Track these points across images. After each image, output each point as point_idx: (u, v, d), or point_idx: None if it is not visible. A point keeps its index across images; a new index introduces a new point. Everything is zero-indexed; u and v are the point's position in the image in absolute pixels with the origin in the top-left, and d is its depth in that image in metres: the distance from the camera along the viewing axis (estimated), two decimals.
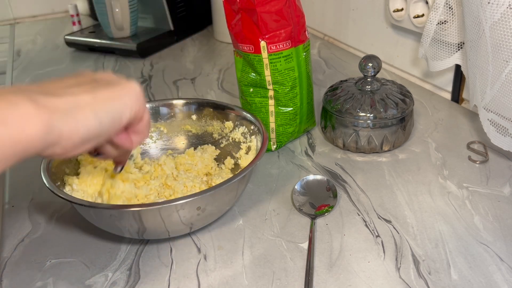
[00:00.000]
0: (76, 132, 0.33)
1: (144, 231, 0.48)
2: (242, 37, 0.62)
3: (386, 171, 0.62)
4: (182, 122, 0.65)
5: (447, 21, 0.70)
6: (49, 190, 0.48)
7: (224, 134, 0.64)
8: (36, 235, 0.55)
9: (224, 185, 0.47)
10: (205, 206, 0.48)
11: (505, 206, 0.55)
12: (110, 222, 0.48)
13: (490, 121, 0.61)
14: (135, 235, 0.49)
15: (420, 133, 0.71)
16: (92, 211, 0.47)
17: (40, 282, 0.48)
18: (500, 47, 0.55)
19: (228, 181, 0.47)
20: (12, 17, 1.43)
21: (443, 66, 0.73)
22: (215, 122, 0.64)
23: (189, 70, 1.01)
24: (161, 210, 0.45)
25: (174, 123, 0.65)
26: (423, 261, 0.48)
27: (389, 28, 0.90)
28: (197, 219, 0.49)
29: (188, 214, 0.47)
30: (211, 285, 0.46)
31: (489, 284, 0.44)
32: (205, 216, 0.49)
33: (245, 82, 0.66)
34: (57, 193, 0.47)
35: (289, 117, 0.66)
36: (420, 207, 0.55)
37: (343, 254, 0.49)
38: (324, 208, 0.55)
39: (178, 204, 0.45)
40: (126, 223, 0.47)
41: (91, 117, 0.34)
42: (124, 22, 1.10)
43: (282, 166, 0.65)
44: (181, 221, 0.48)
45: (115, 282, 0.47)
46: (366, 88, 0.66)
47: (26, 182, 0.64)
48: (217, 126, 0.64)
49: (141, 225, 0.46)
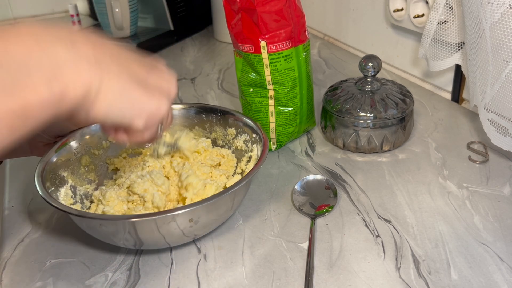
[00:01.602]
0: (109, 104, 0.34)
1: (139, 242, 0.47)
2: (242, 37, 0.62)
3: (386, 171, 0.62)
4: (183, 128, 0.63)
5: (447, 21, 0.70)
6: (46, 193, 0.47)
7: (227, 141, 0.62)
8: (36, 235, 0.55)
9: (217, 197, 0.45)
10: (197, 218, 0.46)
11: (505, 206, 0.55)
12: (102, 232, 0.47)
13: (490, 121, 0.61)
14: (130, 245, 0.48)
15: (420, 133, 0.71)
16: (84, 222, 0.47)
17: (40, 282, 0.48)
18: (500, 47, 0.55)
19: (221, 194, 0.46)
20: (12, 17, 1.43)
21: (443, 66, 0.73)
22: (217, 128, 0.63)
23: (189, 70, 1.01)
24: (157, 221, 0.44)
25: (176, 127, 0.63)
26: (423, 261, 0.48)
27: (389, 28, 0.90)
28: (189, 230, 0.47)
29: (181, 225, 0.46)
30: (211, 285, 0.46)
31: (489, 284, 0.44)
32: (198, 227, 0.48)
33: (245, 82, 0.66)
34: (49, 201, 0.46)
35: (289, 117, 0.66)
36: (420, 207, 0.55)
37: (343, 254, 0.49)
38: (324, 208, 0.55)
39: (170, 215, 0.44)
40: (120, 234, 0.46)
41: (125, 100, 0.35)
42: (124, 22, 1.10)
43: (282, 166, 0.65)
44: (174, 232, 0.46)
45: (115, 282, 0.47)
46: (366, 88, 0.66)
47: (26, 183, 0.64)
48: (220, 133, 0.63)
49: (136, 236, 0.46)
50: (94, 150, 0.59)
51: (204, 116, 0.63)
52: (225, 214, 0.51)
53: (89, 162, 0.58)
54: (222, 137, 0.63)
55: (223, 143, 0.63)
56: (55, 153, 0.54)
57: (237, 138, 0.61)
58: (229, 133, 0.62)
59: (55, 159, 0.53)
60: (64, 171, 0.54)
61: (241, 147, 0.61)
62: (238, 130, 0.61)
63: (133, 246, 0.48)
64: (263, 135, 0.56)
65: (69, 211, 0.45)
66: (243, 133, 0.60)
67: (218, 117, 0.62)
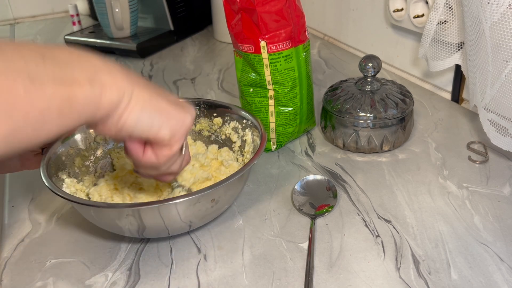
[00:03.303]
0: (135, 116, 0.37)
1: (144, 230, 0.48)
2: (242, 37, 0.62)
3: (386, 171, 0.62)
4: None
5: (447, 21, 0.70)
6: (50, 189, 0.48)
7: (214, 131, 0.64)
8: (36, 235, 0.55)
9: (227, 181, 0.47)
10: (218, 198, 0.48)
11: (505, 206, 0.55)
12: (110, 221, 0.48)
13: (490, 121, 0.61)
14: (135, 234, 0.49)
15: (420, 133, 0.71)
16: (92, 211, 0.47)
17: (40, 282, 0.48)
18: (500, 47, 0.55)
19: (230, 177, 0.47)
20: (12, 17, 1.43)
21: (443, 66, 0.73)
22: (202, 119, 0.64)
23: (189, 70, 1.01)
24: (160, 208, 0.45)
25: None
26: (423, 261, 0.48)
27: (389, 28, 0.90)
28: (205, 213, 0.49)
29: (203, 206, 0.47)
30: (211, 285, 0.46)
31: (489, 284, 0.44)
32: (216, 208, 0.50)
33: (245, 82, 0.66)
34: (57, 192, 0.47)
35: (289, 117, 0.66)
36: (420, 207, 0.55)
37: (343, 254, 0.49)
38: (324, 208, 0.55)
39: (176, 202, 0.45)
40: (125, 221, 0.47)
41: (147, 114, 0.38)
42: (124, 22, 1.10)
43: (282, 166, 0.65)
44: (181, 219, 0.48)
45: (115, 282, 0.47)
46: (366, 88, 0.66)
47: (26, 182, 0.64)
48: (205, 124, 0.64)
49: (141, 223, 0.47)
50: (84, 152, 0.59)
51: None
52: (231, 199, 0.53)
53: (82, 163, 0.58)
54: (208, 127, 0.64)
55: (209, 133, 0.64)
56: (61, 143, 0.55)
57: (225, 126, 0.63)
58: (215, 123, 0.63)
59: (61, 149, 0.55)
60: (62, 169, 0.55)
61: (229, 135, 0.62)
62: (225, 119, 0.62)
63: (137, 234, 0.49)
64: (255, 121, 0.58)
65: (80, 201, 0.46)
66: (231, 120, 0.62)
67: (201, 109, 0.64)
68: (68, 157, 0.56)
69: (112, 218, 0.47)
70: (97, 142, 0.60)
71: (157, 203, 0.45)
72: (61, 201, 0.60)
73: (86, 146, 0.59)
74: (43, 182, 0.48)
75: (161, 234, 0.50)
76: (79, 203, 0.46)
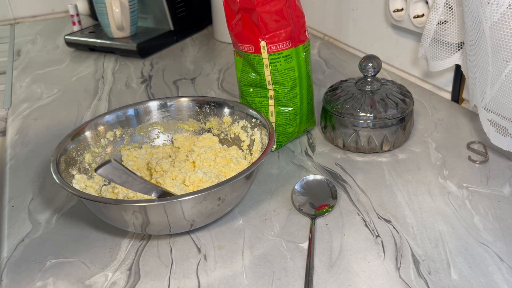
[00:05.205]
0: None
1: (147, 225, 0.48)
2: (242, 37, 0.62)
3: (386, 171, 0.62)
4: (177, 121, 0.66)
5: (447, 21, 0.70)
6: (58, 185, 0.49)
7: (223, 130, 0.64)
8: (36, 235, 0.55)
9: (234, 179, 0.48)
10: (224, 196, 0.49)
11: (505, 206, 0.55)
12: (117, 215, 0.48)
13: (490, 121, 0.61)
14: (138, 229, 0.50)
15: (420, 133, 0.71)
16: (101, 204, 0.48)
17: (40, 282, 0.48)
18: (500, 47, 0.55)
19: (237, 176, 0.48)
20: (12, 17, 1.43)
21: (443, 66, 0.73)
22: (211, 118, 0.65)
23: (189, 70, 1.01)
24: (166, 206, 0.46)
25: (171, 122, 0.66)
26: (423, 261, 0.48)
27: (389, 28, 0.90)
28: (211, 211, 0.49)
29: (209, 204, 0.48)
30: (211, 285, 0.46)
31: (489, 284, 0.45)
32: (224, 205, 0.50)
33: (245, 82, 0.66)
34: (67, 188, 0.48)
35: (289, 117, 0.66)
36: (420, 207, 0.55)
37: (343, 254, 0.49)
38: (324, 208, 0.55)
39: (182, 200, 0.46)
40: (131, 216, 0.47)
41: None
42: (124, 22, 1.10)
43: (282, 166, 0.65)
44: (184, 217, 0.48)
45: (115, 282, 0.47)
46: (366, 88, 0.66)
47: (26, 182, 0.64)
48: (215, 122, 0.65)
49: (146, 218, 0.47)
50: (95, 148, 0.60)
51: (198, 108, 0.66)
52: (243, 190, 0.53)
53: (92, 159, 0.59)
54: (217, 126, 0.65)
55: (219, 131, 0.65)
56: (71, 140, 0.57)
57: (234, 125, 0.63)
58: (224, 122, 0.64)
59: (71, 146, 0.57)
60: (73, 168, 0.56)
61: (238, 133, 0.63)
62: (235, 118, 0.63)
63: (140, 230, 0.49)
64: (264, 120, 0.59)
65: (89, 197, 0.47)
66: (240, 119, 0.62)
67: (211, 108, 0.65)
68: (78, 153, 0.58)
69: (120, 214, 0.48)
70: (107, 139, 0.61)
71: (164, 200, 0.46)
72: (61, 201, 0.60)
73: (96, 143, 0.60)
74: (53, 178, 0.50)
75: (163, 231, 0.50)
76: (88, 199, 0.47)
